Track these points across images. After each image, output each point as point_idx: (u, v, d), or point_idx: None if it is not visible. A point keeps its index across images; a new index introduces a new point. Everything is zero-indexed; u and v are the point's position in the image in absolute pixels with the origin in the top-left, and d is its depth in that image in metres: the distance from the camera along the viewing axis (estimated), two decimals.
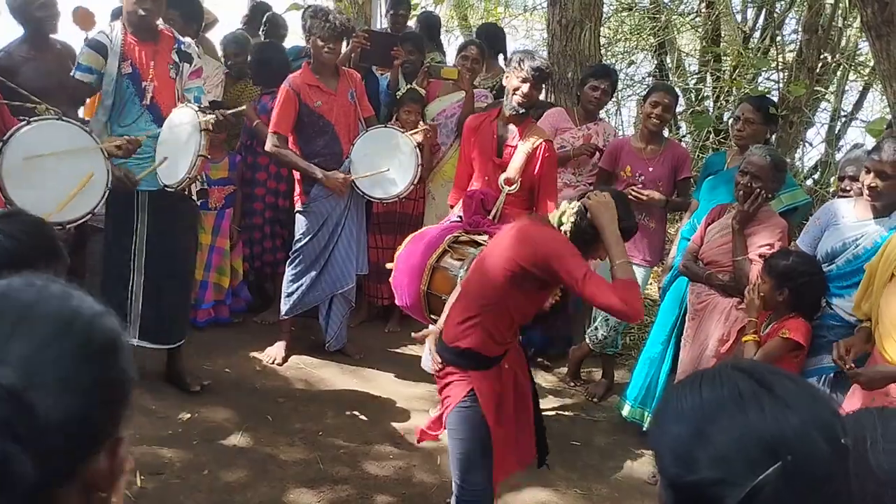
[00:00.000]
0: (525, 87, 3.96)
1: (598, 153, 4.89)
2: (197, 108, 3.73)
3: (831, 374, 3.36)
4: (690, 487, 1.04)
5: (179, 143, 3.73)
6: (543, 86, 4.10)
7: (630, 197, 4.51)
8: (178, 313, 4.21)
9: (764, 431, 1.01)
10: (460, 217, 3.95)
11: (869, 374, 2.99)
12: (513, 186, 4.03)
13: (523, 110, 4.04)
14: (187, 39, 4.11)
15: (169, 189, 3.79)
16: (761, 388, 1.05)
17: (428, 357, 4.20)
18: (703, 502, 1.02)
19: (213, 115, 3.72)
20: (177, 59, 3.99)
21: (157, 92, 3.93)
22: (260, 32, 5.97)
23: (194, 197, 3.90)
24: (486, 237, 3.67)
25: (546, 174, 4.15)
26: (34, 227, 1.93)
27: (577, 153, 4.89)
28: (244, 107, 4.34)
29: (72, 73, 3.88)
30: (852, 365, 3.03)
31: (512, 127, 4.12)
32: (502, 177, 4.03)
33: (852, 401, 2.99)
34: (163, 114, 3.92)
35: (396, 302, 3.89)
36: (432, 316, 3.65)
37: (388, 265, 3.87)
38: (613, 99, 8.84)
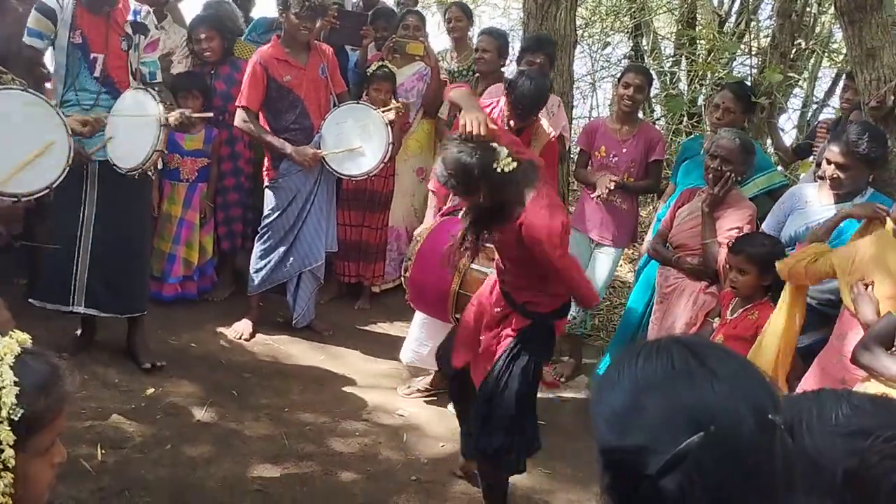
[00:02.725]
0: (513, 122, 3.91)
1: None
2: (159, 99, 3.67)
3: None
4: (617, 453, 1.06)
5: (137, 130, 3.68)
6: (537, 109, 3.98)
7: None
8: (130, 283, 4.11)
9: (690, 402, 1.03)
10: None
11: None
12: None
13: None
14: (144, 8, 4.00)
15: (120, 171, 3.74)
16: (695, 360, 1.06)
17: (408, 350, 4.19)
18: (628, 468, 1.04)
19: (177, 115, 3.68)
20: (130, 32, 3.89)
21: (108, 64, 3.84)
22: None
23: (150, 174, 3.86)
24: None
25: (550, 170, 4.14)
26: None
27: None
28: (210, 114, 4.25)
29: (23, 39, 3.79)
30: None
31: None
32: None
33: (808, 381, 3.02)
34: (116, 87, 3.85)
35: (408, 299, 3.85)
36: (457, 316, 3.65)
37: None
38: (589, 80, 8.87)
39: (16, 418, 1.21)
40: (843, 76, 5.20)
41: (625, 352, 1.15)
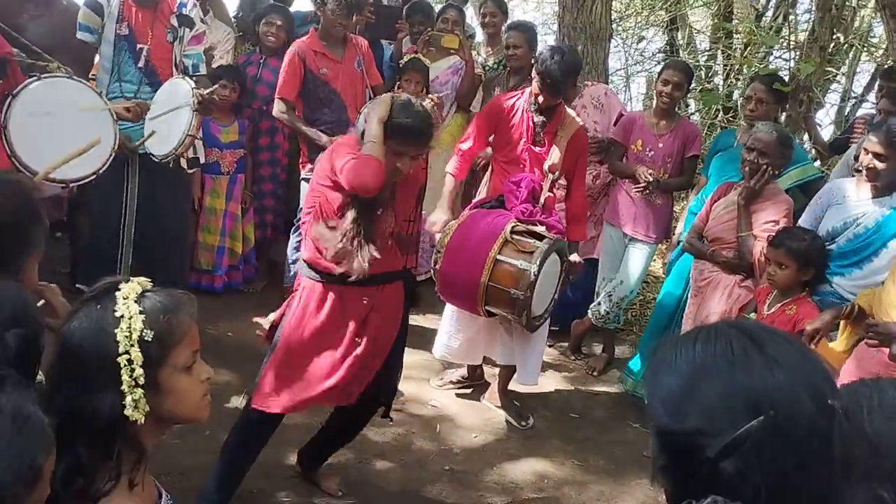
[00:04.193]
0: (541, 99, 3.92)
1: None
2: (193, 85, 3.70)
3: None
4: (675, 436, 1.06)
5: (171, 116, 3.73)
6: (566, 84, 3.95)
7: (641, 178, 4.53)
8: (170, 274, 4.19)
9: (749, 387, 1.03)
10: (499, 200, 3.92)
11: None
12: (556, 174, 4.01)
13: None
14: (190, 1, 4.07)
15: (154, 159, 3.80)
16: (753, 345, 1.07)
17: (439, 343, 4.21)
18: (686, 451, 1.04)
19: (198, 95, 3.67)
20: (176, 24, 3.95)
21: (152, 56, 3.91)
22: None
23: (184, 165, 3.91)
24: (542, 228, 3.67)
25: (581, 160, 4.16)
26: (10, 188, 1.86)
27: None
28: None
29: (76, 35, 3.87)
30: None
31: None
32: (546, 164, 3.99)
33: (845, 374, 3.00)
34: (159, 78, 3.91)
35: (437, 291, 3.84)
36: (487, 308, 3.66)
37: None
38: (622, 74, 8.82)
39: (148, 339, 1.43)
40: (878, 77, 5.10)
41: (681, 336, 1.15)
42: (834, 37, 6.40)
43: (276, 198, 5.35)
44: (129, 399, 1.41)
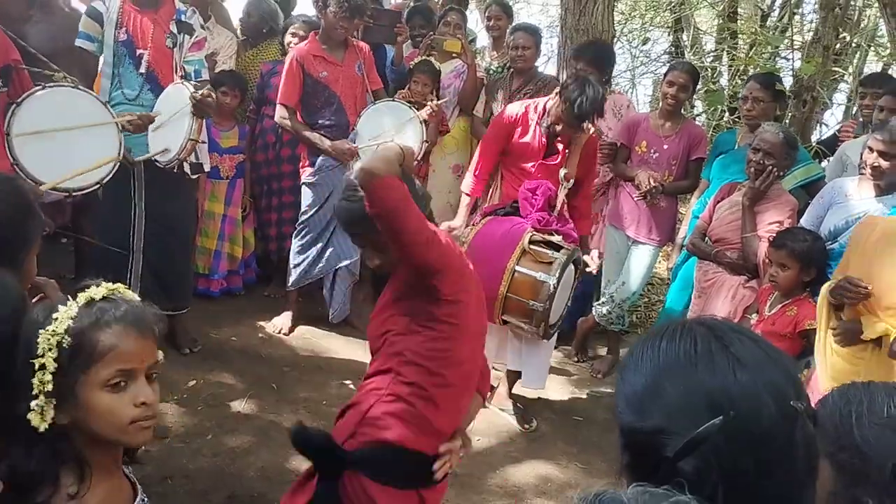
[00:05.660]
0: (559, 127, 3.93)
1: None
2: (192, 90, 3.70)
3: None
4: (637, 434, 1.06)
5: (173, 122, 3.74)
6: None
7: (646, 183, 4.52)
8: (178, 279, 4.22)
9: (711, 386, 1.02)
10: (513, 206, 3.91)
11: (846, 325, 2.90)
12: (570, 182, 4.01)
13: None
14: (190, 9, 4.08)
15: (159, 165, 3.81)
16: (718, 344, 1.06)
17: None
18: (648, 449, 1.04)
19: (195, 97, 3.65)
20: (175, 31, 3.96)
21: (153, 61, 3.91)
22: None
23: (187, 171, 3.92)
24: (559, 237, 3.66)
25: (592, 165, 4.20)
26: (4, 186, 1.85)
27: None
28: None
29: (76, 42, 3.88)
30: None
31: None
32: (562, 172, 3.99)
33: None
34: (161, 84, 3.91)
35: None
36: (504, 317, 3.65)
37: None
38: (628, 75, 8.80)
39: (66, 345, 1.34)
40: (858, 84, 5.07)
41: (649, 333, 1.15)
42: (839, 37, 6.37)
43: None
44: (34, 403, 1.33)
